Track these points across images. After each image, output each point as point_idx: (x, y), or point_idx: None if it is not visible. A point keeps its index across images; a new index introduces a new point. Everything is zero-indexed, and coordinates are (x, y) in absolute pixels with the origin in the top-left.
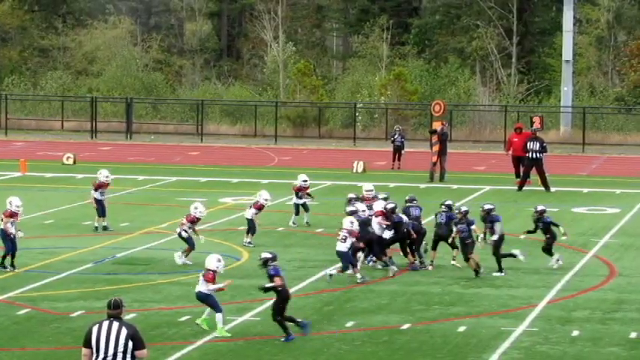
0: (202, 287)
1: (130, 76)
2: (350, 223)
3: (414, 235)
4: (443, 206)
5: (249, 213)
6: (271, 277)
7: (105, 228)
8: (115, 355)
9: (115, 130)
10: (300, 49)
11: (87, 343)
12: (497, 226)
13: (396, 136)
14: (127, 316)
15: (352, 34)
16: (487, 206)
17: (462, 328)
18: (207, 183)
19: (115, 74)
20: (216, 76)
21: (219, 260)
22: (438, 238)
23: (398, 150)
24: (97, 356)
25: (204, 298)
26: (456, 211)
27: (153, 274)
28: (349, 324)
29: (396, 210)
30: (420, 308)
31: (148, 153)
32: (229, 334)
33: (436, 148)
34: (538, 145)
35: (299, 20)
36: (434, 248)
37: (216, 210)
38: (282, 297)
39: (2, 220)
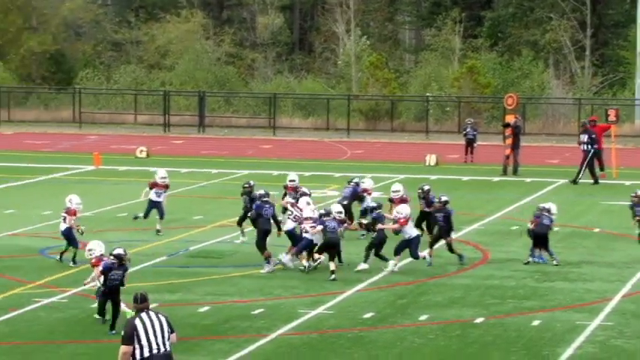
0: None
1: (203, 70)
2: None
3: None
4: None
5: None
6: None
7: (158, 231)
8: (163, 343)
9: (188, 123)
10: (372, 42)
11: (130, 340)
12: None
13: (468, 130)
14: (201, 309)
15: (424, 27)
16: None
17: (536, 322)
18: (279, 176)
19: (188, 68)
20: (288, 69)
21: (98, 245)
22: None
23: (470, 143)
24: (150, 349)
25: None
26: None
27: (226, 267)
28: (423, 317)
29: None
30: (494, 302)
31: (221, 146)
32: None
33: (509, 141)
34: (587, 137)
35: (371, 13)
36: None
37: None
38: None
39: (66, 218)
